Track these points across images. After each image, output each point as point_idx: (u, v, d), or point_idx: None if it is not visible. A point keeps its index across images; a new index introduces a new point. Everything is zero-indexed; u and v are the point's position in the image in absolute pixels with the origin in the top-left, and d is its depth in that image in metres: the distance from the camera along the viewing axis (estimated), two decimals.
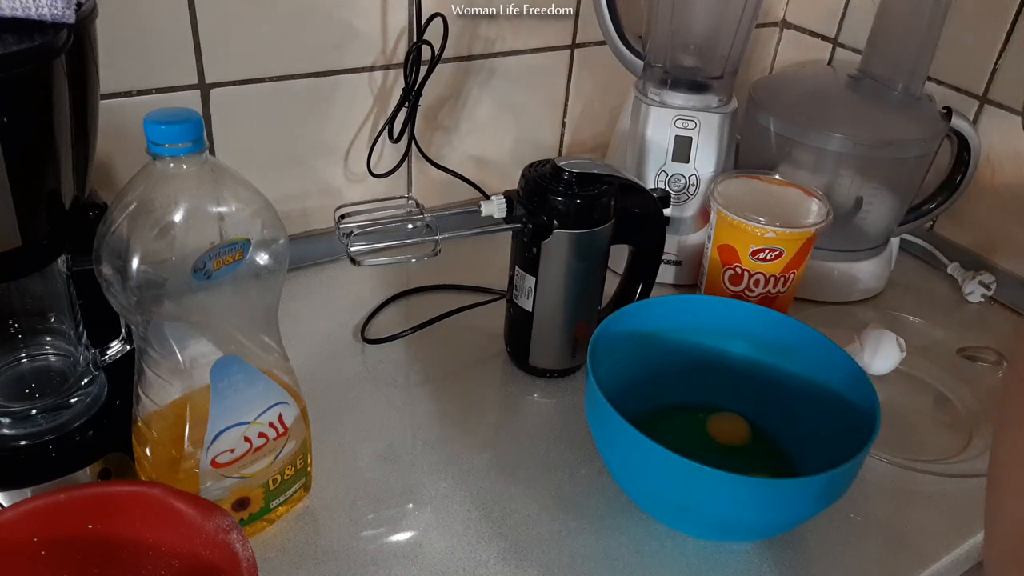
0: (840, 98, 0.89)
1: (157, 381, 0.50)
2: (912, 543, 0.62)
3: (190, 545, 0.46)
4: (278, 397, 0.53)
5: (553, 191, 0.66)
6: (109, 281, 0.47)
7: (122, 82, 0.70)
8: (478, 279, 0.85)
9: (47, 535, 0.46)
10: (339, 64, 0.80)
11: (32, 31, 0.44)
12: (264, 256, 0.49)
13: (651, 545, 0.60)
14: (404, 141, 0.85)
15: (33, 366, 0.59)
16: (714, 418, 0.68)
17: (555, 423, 0.70)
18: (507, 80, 0.92)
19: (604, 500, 0.63)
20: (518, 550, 0.58)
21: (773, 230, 0.73)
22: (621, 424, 0.54)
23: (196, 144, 0.46)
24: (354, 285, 0.85)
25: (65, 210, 0.51)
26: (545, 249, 0.67)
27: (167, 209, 0.46)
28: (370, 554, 0.57)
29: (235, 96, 0.76)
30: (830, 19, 1.03)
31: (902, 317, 0.85)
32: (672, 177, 0.85)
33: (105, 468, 0.56)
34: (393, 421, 0.69)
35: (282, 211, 0.51)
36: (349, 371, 0.74)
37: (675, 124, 0.83)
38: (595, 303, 0.73)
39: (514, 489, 0.63)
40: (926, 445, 0.71)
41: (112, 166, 0.71)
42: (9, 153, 0.44)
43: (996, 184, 0.90)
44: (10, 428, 0.55)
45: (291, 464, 0.57)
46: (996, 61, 0.87)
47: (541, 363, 0.74)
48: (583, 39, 0.95)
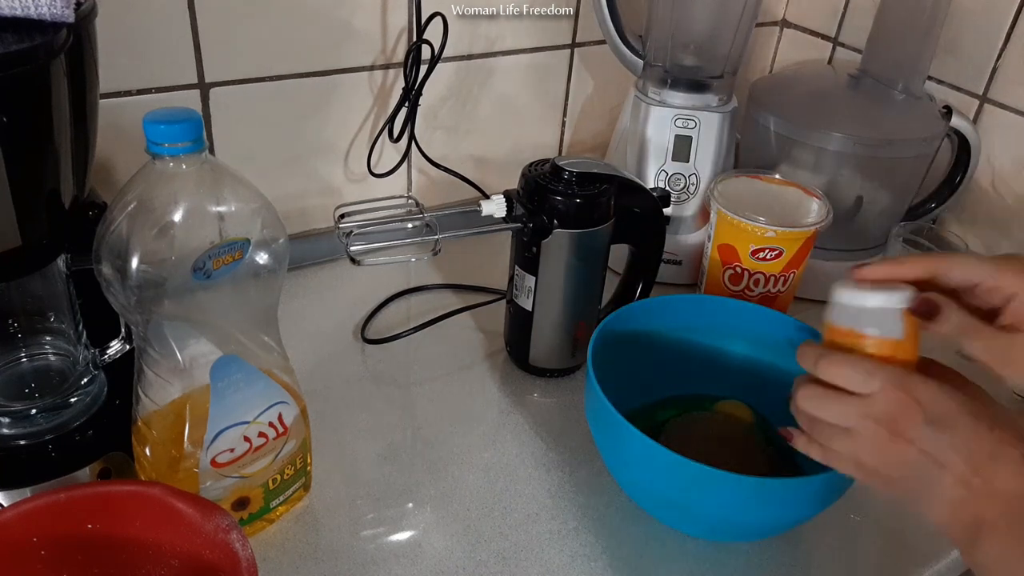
0: (840, 98, 0.89)
1: (157, 381, 0.50)
2: (912, 543, 0.62)
3: (190, 545, 0.46)
4: (278, 397, 0.53)
5: (553, 191, 0.66)
6: (109, 281, 0.47)
7: (122, 82, 0.70)
8: (478, 279, 0.85)
9: (47, 535, 0.46)
10: (339, 64, 0.80)
11: (31, 31, 0.44)
12: (264, 256, 0.49)
13: (651, 545, 0.60)
14: (404, 141, 0.85)
15: (33, 366, 0.59)
16: (721, 403, 0.68)
17: (555, 423, 0.70)
18: (507, 80, 0.92)
19: (604, 500, 0.63)
20: (518, 550, 0.58)
21: (773, 229, 0.73)
22: (621, 424, 0.54)
23: (196, 144, 0.45)
24: (354, 285, 0.85)
25: (65, 210, 0.51)
26: (545, 249, 0.67)
27: (167, 209, 0.46)
28: (370, 554, 0.57)
29: (235, 96, 0.76)
30: (830, 19, 1.03)
31: None
32: (672, 176, 0.85)
33: (105, 468, 0.56)
34: (393, 421, 0.69)
35: (282, 211, 0.51)
36: (349, 371, 0.74)
37: (675, 123, 0.83)
38: (595, 303, 0.73)
39: (514, 489, 0.63)
40: None
41: (112, 166, 0.71)
42: (9, 153, 0.44)
43: (996, 184, 0.90)
44: (10, 428, 0.55)
45: (291, 464, 0.57)
46: (996, 61, 0.87)
47: (541, 363, 0.74)
48: (583, 39, 0.95)
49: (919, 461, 0.44)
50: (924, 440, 0.44)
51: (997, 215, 0.91)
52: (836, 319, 0.49)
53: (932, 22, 0.82)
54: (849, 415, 0.46)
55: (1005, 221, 0.91)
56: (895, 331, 0.47)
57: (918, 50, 0.84)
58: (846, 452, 0.47)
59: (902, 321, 0.47)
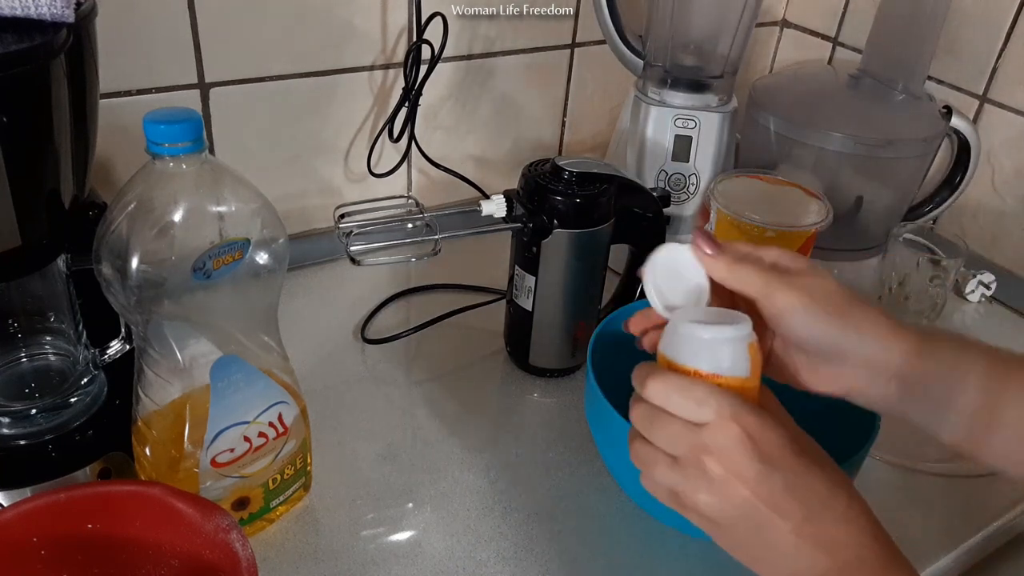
0: (840, 98, 0.89)
1: (157, 381, 0.50)
2: (912, 543, 0.62)
3: (190, 545, 0.46)
4: (278, 397, 0.53)
5: (553, 191, 0.66)
6: (109, 281, 0.47)
7: (122, 82, 0.70)
8: (478, 279, 0.85)
9: (47, 535, 0.46)
10: (339, 63, 0.80)
11: (31, 30, 0.44)
12: (264, 256, 0.49)
13: (651, 545, 0.60)
14: (404, 141, 0.85)
15: (33, 366, 0.59)
16: None
17: (555, 423, 0.70)
18: (507, 80, 0.92)
19: (604, 500, 0.63)
20: (518, 550, 0.58)
21: (773, 229, 0.73)
22: (621, 424, 0.53)
23: (196, 143, 0.45)
24: (354, 285, 0.85)
25: (65, 210, 0.51)
26: (545, 249, 0.67)
27: (167, 209, 0.46)
28: (370, 554, 0.57)
29: (235, 96, 0.76)
30: (830, 18, 1.03)
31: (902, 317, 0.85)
32: (672, 176, 0.85)
33: (105, 468, 0.56)
34: (393, 421, 0.69)
35: (282, 211, 0.51)
36: (349, 371, 0.74)
37: (675, 123, 0.83)
38: (595, 303, 0.73)
39: (514, 489, 0.63)
40: (926, 445, 0.70)
41: (112, 166, 0.71)
42: (9, 153, 0.44)
43: (996, 184, 0.90)
44: (10, 428, 0.55)
45: (291, 464, 0.57)
46: (996, 61, 0.87)
47: (541, 362, 0.74)
48: (583, 39, 0.95)
49: (750, 504, 0.39)
50: (758, 481, 0.39)
51: (997, 215, 0.91)
52: (673, 354, 0.43)
53: (932, 22, 0.82)
54: (677, 443, 0.41)
55: (1005, 221, 0.91)
56: (741, 368, 0.41)
57: (918, 50, 0.84)
58: (668, 483, 0.42)
59: (748, 357, 0.42)
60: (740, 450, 0.39)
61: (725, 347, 0.41)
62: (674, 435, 0.41)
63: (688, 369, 0.42)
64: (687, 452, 0.40)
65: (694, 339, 0.42)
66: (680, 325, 0.42)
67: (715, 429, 0.39)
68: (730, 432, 0.39)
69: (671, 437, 0.41)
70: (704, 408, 0.40)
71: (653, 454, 0.42)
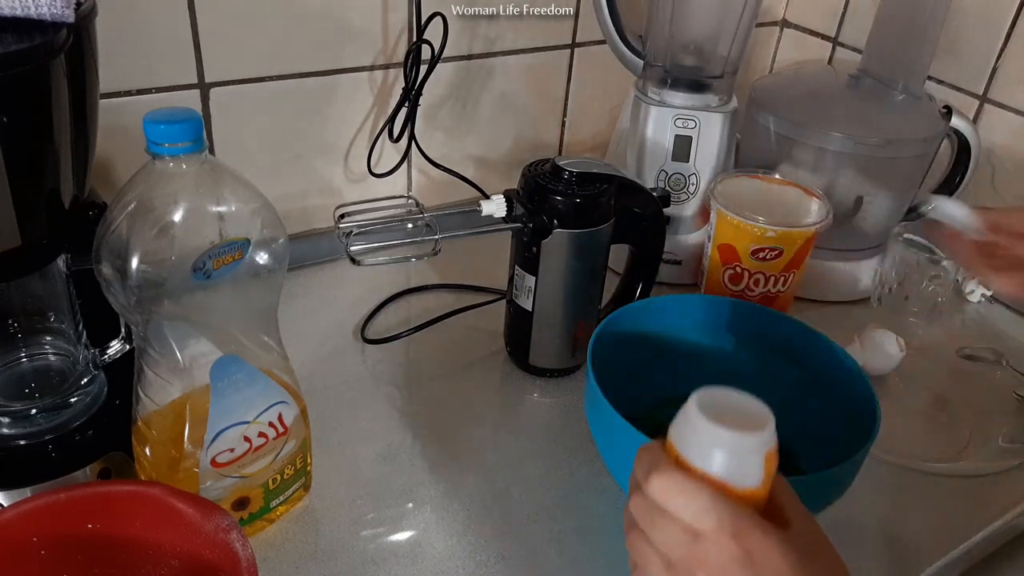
0: (840, 98, 0.89)
1: (157, 381, 0.50)
2: (912, 543, 0.62)
3: (190, 545, 0.46)
4: (278, 397, 0.53)
5: (553, 191, 0.66)
6: (109, 281, 0.47)
7: (122, 82, 0.70)
8: (478, 279, 0.85)
9: (47, 535, 0.46)
10: (339, 63, 0.80)
11: (31, 30, 0.44)
12: (264, 256, 0.49)
13: None
14: (404, 141, 0.85)
15: (33, 366, 0.59)
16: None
17: (555, 423, 0.70)
18: (507, 80, 0.92)
19: (604, 500, 0.63)
20: (518, 550, 0.58)
21: (773, 229, 0.73)
22: (621, 424, 0.54)
23: (196, 143, 0.45)
24: (354, 285, 0.85)
25: (65, 210, 0.51)
26: (545, 249, 0.67)
27: (167, 209, 0.46)
28: (370, 554, 0.57)
29: (235, 95, 0.76)
30: (830, 19, 1.03)
31: (902, 317, 0.85)
32: (672, 176, 0.85)
33: (105, 468, 0.56)
34: (393, 421, 0.69)
35: (282, 211, 0.51)
36: (349, 371, 0.74)
37: (675, 123, 0.83)
38: (595, 303, 0.73)
39: (514, 489, 0.63)
40: (926, 445, 0.71)
41: (112, 166, 0.71)
42: (9, 153, 0.44)
43: (996, 184, 0.90)
44: (10, 428, 0.55)
45: (291, 463, 0.57)
46: (996, 61, 0.87)
47: (541, 363, 0.74)
48: (583, 39, 0.95)
49: None
50: None
51: None
52: (683, 446, 0.39)
53: (932, 22, 0.82)
54: (673, 548, 0.39)
55: None
56: (753, 479, 0.38)
57: (918, 50, 0.84)
58: None
59: (763, 467, 0.38)
60: (736, 570, 0.37)
61: (741, 457, 0.38)
62: (672, 539, 0.39)
63: (696, 470, 0.38)
64: (682, 559, 0.39)
65: (709, 438, 0.38)
66: (696, 418, 0.38)
67: (713, 544, 0.38)
68: (728, 549, 0.37)
69: (669, 541, 0.39)
70: (706, 518, 0.38)
71: (650, 553, 0.40)
